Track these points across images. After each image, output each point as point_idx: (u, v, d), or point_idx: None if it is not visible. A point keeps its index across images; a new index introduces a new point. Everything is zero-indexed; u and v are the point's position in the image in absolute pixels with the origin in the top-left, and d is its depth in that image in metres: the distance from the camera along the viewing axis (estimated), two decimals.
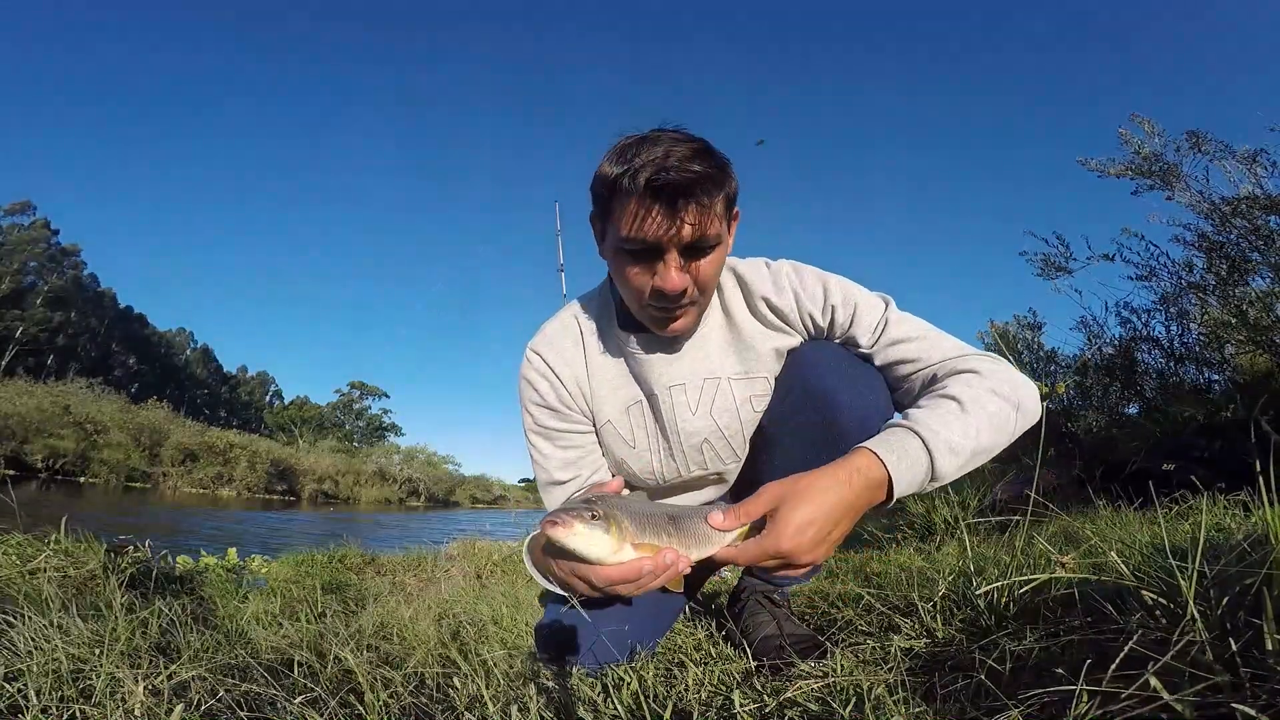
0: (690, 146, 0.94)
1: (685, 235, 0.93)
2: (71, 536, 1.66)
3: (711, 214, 0.94)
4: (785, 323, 1.11)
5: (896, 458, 0.83)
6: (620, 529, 0.74)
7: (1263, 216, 3.49)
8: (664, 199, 0.91)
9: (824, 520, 0.77)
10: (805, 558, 0.78)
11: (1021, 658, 0.82)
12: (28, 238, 44.93)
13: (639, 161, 0.91)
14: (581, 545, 0.73)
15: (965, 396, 0.90)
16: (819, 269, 1.13)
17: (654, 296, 0.99)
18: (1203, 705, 0.58)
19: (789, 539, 0.76)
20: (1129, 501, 2.03)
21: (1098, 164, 4.15)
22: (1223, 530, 1.31)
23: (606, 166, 0.97)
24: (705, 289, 1.01)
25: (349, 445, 43.41)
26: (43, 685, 0.85)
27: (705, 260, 0.98)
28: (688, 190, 0.90)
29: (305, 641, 1.21)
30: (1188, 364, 3.91)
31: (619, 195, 0.95)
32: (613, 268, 1.05)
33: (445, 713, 0.91)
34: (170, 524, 7.68)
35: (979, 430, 0.89)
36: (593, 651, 1.07)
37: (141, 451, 19.62)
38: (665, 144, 0.93)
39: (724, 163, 0.98)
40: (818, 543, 0.78)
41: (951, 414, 0.89)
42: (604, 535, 0.73)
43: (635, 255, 0.97)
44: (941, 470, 0.86)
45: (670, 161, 0.90)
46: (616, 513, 0.75)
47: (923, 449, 0.85)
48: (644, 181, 0.90)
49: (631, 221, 0.94)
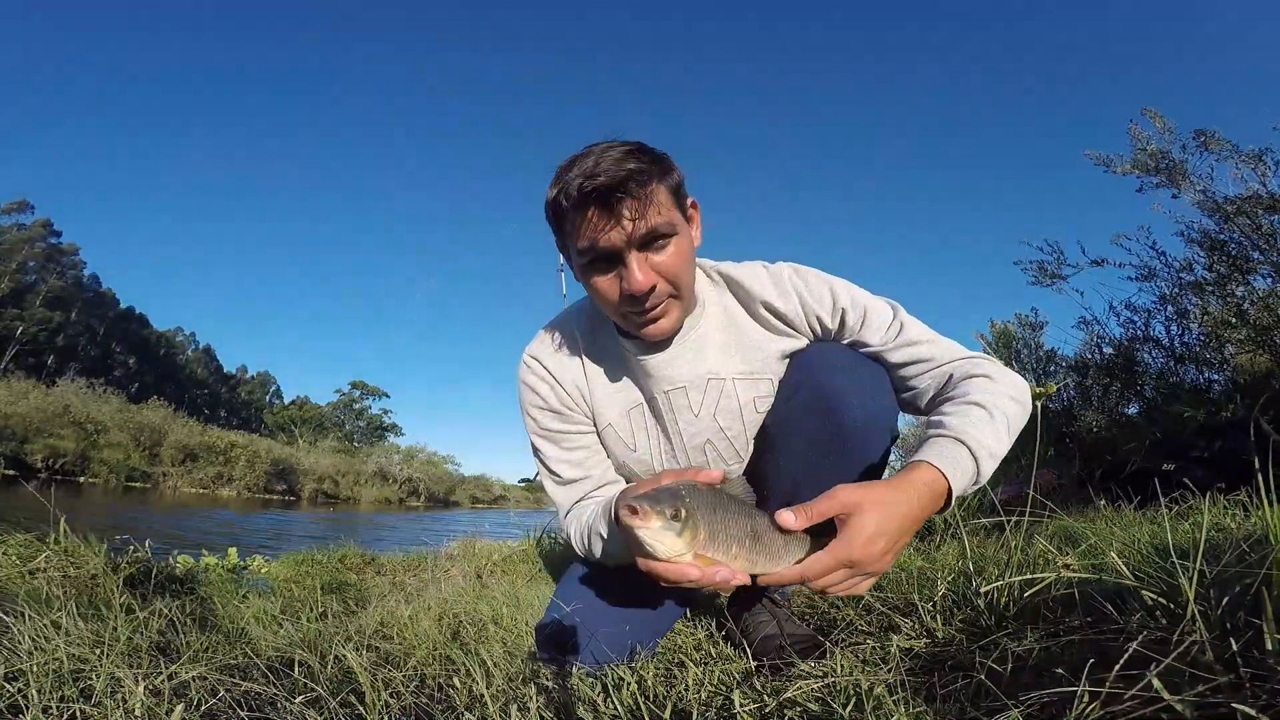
0: (620, 149, 0.96)
1: (630, 230, 0.94)
2: (71, 536, 1.66)
3: (654, 205, 0.95)
4: (789, 326, 1.11)
5: (953, 469, 0.86)
6: (694, 536, 0.74)
7: (1266, 216, 3.49)
8: (599, 202, 0.93)
9: (894, 531, 0.79)
10: (873, 566, 0.78)
11: (1021, 658, 0.82)
12: (27, 237, 44.93)
13: (570, 175, 0.95)
14: (650, 540, 0.74)
15: (988, 403, 0.93)
16: (820, 271, 1.13)
17: (626, 301, 1.00)
18: (1203, 705, 0.58)
19: (861, 548, 0.76)
20: (1129, 501, 2.03)
21: (1104, 159, 4.15)
22: (1223, 530, 1.31)
23: (549, 191, 1.00)
24: (676, 281, 1.01)
25: (349, 445, 43.42)
26: (43, 685, 0.85)
27: (665, 253, 0.98)
28: (621, 187, 0.92)
29: (305, 641, 1.21)
30: (1188, 364, 3.91)
31: (563, 214, 0.98)
32: (586, 287, 1.06)
33: (445, 712, 0.91)
34: (170, 524, 7.68)
35: (1005, 434, 0.93)
36: (592, 651, 1.07)
37: (141, 451, 19.62)
38: (595, 154, 0.95)
39: (659, 156, 1.00)
40: (885, 552, 0.79)
41: (983, 421, 0.92)
42: (675, 538, 0.74)
43: (596, 266, 0.99)
44: (983, 474, 0.90)
45: (600, 167, 0.93)
46: (698, 517, 0.75)
47: (970, 457, 0.88)
48: (576, 190, 0.93)
49: (580, 233, 0.96)
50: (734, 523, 0.77)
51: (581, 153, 0.97)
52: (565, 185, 0.95)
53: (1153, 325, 4.08)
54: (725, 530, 0.76)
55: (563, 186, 0.96)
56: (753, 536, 0.77)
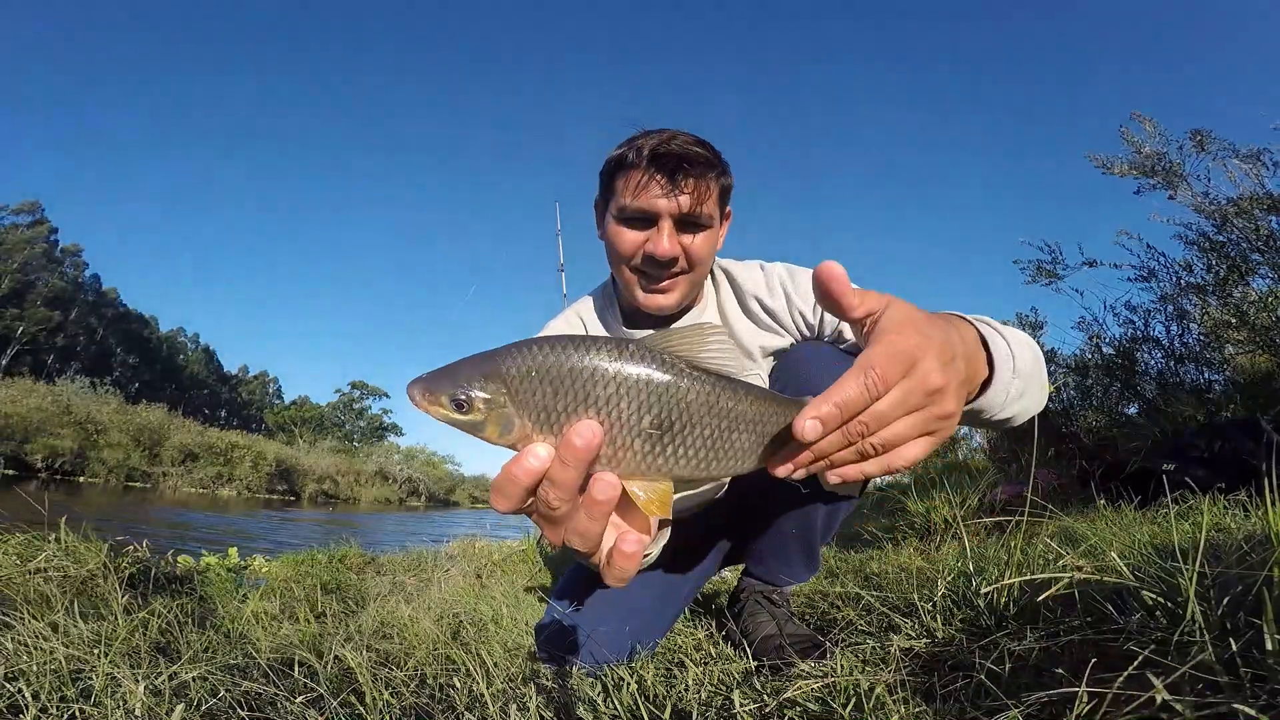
0: (693, 137, 1.04)
1: (682, 205, 1.00)
2: (71, 536, 1.66)
3: (708, 194, 1.02)
4: (777, 323, 1.15)
5: (983, 327, 0.66)
6: (502, 428, 0.48)
7: (1264, 216, 3.49)
8: (666, 168, 0.99)
9: (923, 351, 0.47)
10: (937, 376, 0.47)
11: (1021, 658, 0.82)
12: (28, 237, 44.92)
13: (644, 140, 1.02)
14: (468, 429, 0.49)
15: (991, 321, 0.72)
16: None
17: (645, 261, 1.04)
18: (1203, 705, 0.58)
19: (898, 341, 0.47)
20: (1129, 501, 2.03)
21: (1103, 161, 4.15)
22: (1223, 530, 1.31)
23: (615, 150, 1.06)
24: (695, 266, 1.06)
25: (349, 445, 43.41)
26: (43, 685, 0.85)
27: (696, 239, 1.04)
28: (689, 162, 0.99)
29: (305, 641, 1.21)
30: (1188, 364, 3.90)
31: (623, 169, 1.03)
32: (607, 239, 1.10)
33: (445, 712, 0.91)
34: (170, 524, 7.68)
35: (1023, 340, 0.74)
36: (592, 651, 1.07)
37: (141, 451, 19.60)
38: (670, 131, 1.03)
39: (723, 160, 1.06)
40: (944, 360, 0.49)
41: (994, 323, 0.72)
42: (491, 433, 0.49)
43: (632, 222, 1.04)
44: (1018, 361, 0.66)
45: (675, 141, 1.00)
46: (510, 400, 0.48)
47: (988, 328, 0.67)
48: (648, 151, 1.00)
49: (634, 190, 1.01)
50: (625, 404, 0.46)
51: (655, 130, 1.05)
52: (638, 145, 1.02)
53: (1152, 325, 4.08)
54: (581, 416, 0.46)
55: (634, 145, 1.02)
56: (661, 425, 0.47)
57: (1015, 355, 0.66)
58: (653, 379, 0.47)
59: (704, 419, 0.48)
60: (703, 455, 0.49)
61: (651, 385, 0.47)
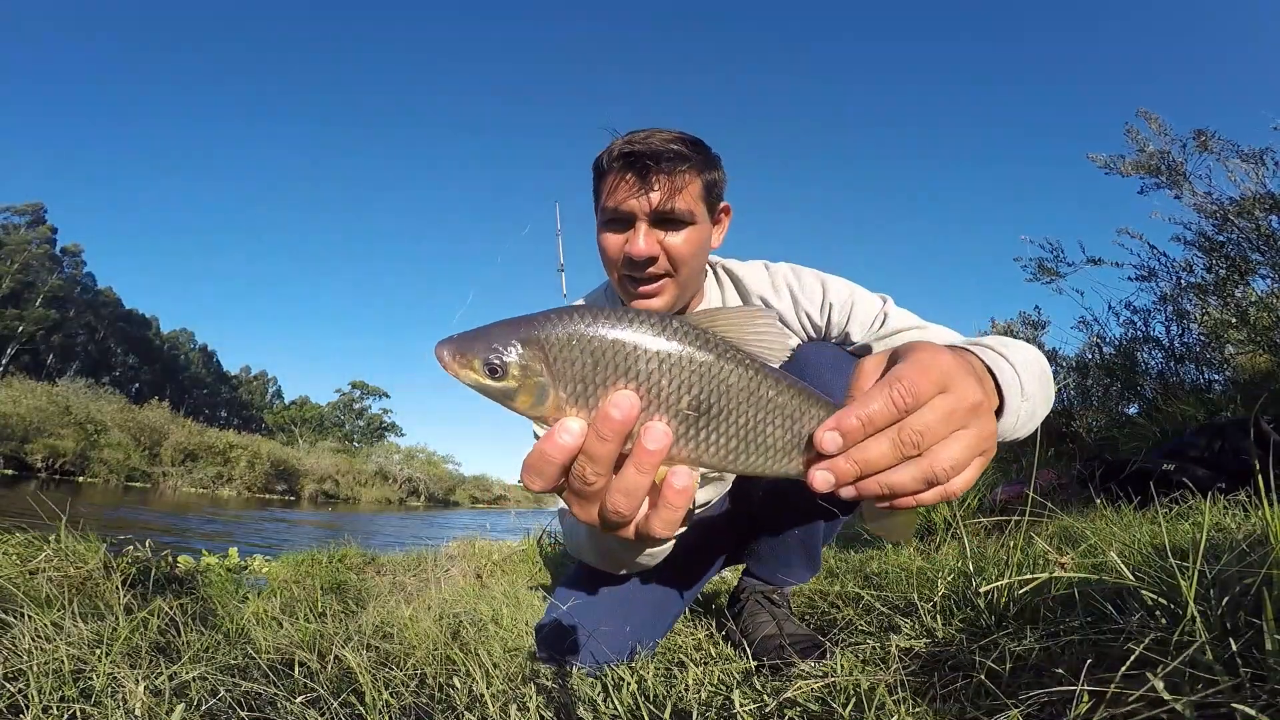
0: (673, 134, 1.02)
1: (653, 201, 0.99)
2: (71, 536, 1.66)
3: (684, 190, 1.00)
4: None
5: (984, 354, 0.65)
6: (536, 399, 0.46)
7: (1265, 216, 3.49)
8: (636, 167, 0.99)
9: (956, 370, 0.47)
10: (976, 391, 0.47)
11: (1021, 658, 0.82)
12: (28, 237, 44.91)
13: (620, 141, 1.02)
14: (497, 395, 0.47)
15: (994, 342, 0.73)
16: (820, 271, 1.15)
17: (625, 264, 1.04)
18: (1203, 705, 0.58)
19: (925, 374, 0.45)
20: (1129, 501, 2.03)
21: (1107, 160, 4.15)
22: (1223, 530, 1.31)
23: (599, 155, 1.07)
24: (678, 266, 1.04)
25: (349, 445, 43.42)
26: (43, 685, 0.85)
27: (678, 236, 1.02)
28: (657, 159, 0.98)
29: (305, 641, 1.21)
30: (1188, 364, 3.91)
31: (603, 175, 1.04)
32: (599, 246, 1.10)
33: (445, 712, 0.91)
34: (170, 524, 7.68)
35: (1030, 359, 0.74)
36: (592, 651, 1.07)
37: (141, 451, 19.61)
38: (649, 131, 1.02)
39: (707, 153, 1.05)
40: (976, 377, 0.49)
41: (1001, 344, 0.72)
42: (520, 401, 0.46)
43: (611, 225, 1.04)
44: (1024, 383, 0.66)
45: (647, 140, 0.99)
46: (545, 370, 0.45)
47: (991, 354, 0.66)
48: (618, 152, 1.00)
49: (610, 192, 1.02)
50: (665, 380, 0.44)
51: (638, 130, 1.04)
52: (612, 147, 1.02)
53: (1153, 325, 4.08)
54: (617, 388, 0.43)
55: (610, 147, 1.03)
56: (699, 406, 0.44)
57: (1021, 379, 0.66)
58: (695, 358, 0.44)
59: (742, 405, 0.45)
60: (734, 445, 0.46)
61: (694, 364, 0.44)
